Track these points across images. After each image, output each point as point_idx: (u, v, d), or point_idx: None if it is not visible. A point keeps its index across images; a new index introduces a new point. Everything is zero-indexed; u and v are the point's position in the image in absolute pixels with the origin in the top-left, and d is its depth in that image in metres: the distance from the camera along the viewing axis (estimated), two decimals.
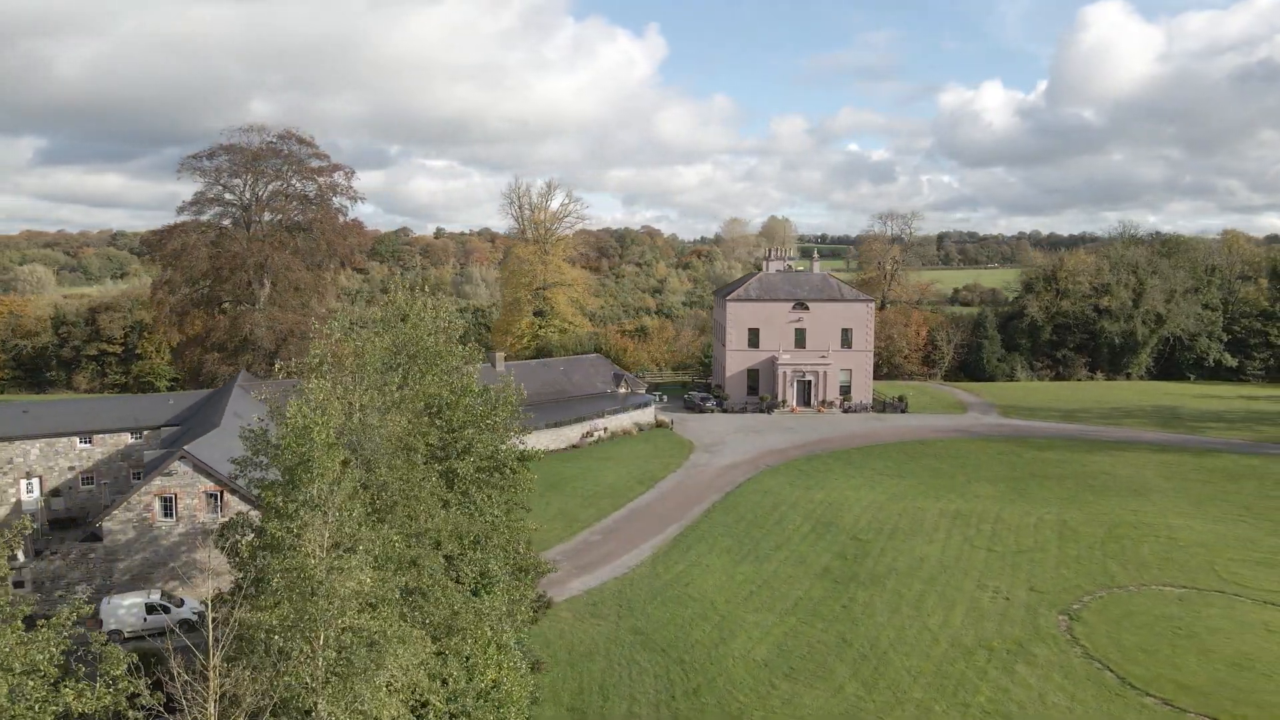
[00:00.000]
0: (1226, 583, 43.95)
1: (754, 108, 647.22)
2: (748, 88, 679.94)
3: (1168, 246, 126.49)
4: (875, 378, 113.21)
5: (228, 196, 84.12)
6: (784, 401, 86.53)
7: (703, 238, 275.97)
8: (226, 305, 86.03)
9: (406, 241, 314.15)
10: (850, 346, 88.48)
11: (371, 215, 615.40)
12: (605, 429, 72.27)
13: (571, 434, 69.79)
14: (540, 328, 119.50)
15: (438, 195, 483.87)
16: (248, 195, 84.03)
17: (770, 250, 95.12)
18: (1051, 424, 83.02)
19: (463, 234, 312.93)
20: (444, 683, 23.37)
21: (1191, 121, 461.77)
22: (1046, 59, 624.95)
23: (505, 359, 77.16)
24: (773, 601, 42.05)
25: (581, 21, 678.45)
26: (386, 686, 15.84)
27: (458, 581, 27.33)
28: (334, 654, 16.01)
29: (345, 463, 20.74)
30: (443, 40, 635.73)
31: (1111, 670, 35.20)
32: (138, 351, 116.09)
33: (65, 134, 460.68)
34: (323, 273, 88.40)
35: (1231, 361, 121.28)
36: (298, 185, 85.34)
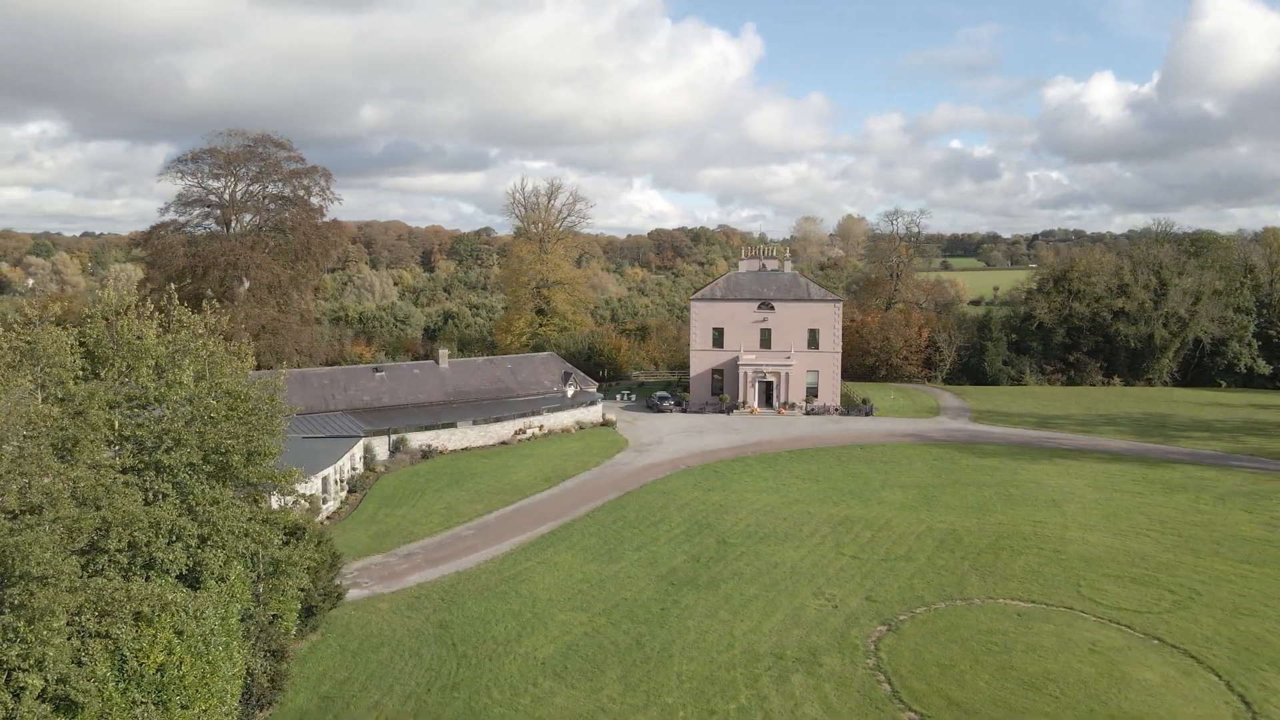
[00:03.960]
0: (1083, 599, 41.82)
1: (849, 106, 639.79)
2: (842, 86, 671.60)
3: (1197, 245, 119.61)
4: (873, 380, 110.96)
5: (210, 198, 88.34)
6: (744, 402, 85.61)
7: (792, 235, 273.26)
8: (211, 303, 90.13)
9: (485, 241, 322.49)
10: (817, 347, 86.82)
11: (472, 216, 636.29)
12: (541, 426, 72.91)
13: (503, 431, 70.67)
14: (541, 326, 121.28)
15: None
16: (226, 196, 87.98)
17: (745, 249, 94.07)
18: (1018, 430, 79.83)
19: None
20: (82, 664, 24.47)
21: None
22: (1160, 49, 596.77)
23: (449, 356, 78.63)
24: (595, 601, 41.94)
25: (678, 23, 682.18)
26: None
27: (164, 571, 28.48)
28: None
29: None
30: (543, 45, 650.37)
31: (891, 684, 34.07)
32: None
33: (193, 141, 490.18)
34: (302, 271, 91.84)
35: (1266, 368, 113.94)
36: (274, 187, 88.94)
